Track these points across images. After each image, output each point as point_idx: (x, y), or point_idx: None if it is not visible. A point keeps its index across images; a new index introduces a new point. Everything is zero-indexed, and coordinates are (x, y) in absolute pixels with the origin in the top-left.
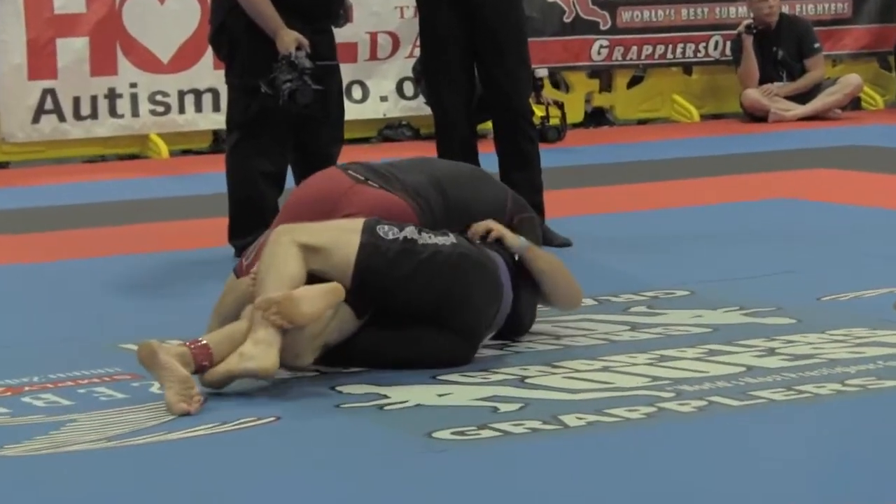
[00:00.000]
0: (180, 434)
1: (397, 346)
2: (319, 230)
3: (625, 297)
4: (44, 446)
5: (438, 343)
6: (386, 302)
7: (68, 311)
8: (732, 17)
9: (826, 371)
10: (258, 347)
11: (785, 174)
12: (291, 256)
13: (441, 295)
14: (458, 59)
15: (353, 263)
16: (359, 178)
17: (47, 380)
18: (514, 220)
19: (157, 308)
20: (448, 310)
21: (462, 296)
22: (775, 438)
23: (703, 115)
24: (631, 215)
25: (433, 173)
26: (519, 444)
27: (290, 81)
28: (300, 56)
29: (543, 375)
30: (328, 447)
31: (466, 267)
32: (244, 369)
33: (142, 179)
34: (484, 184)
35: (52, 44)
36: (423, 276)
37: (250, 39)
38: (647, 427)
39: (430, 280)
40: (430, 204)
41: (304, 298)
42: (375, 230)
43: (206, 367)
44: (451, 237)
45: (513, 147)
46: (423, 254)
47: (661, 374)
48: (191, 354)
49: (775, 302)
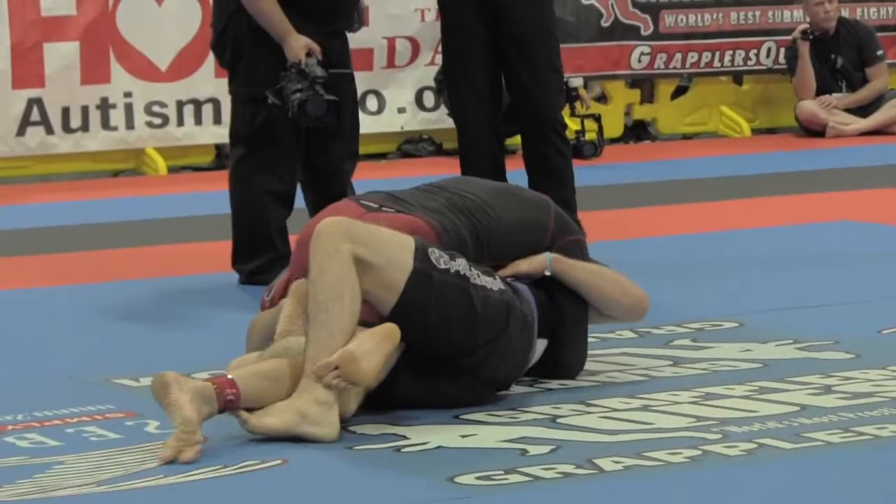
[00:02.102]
0: (178, 478)
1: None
2: (378, 242)
3: (667, 329)
4: (28, 490)
5: (465, 388)
6: (416, 337)
7: (56, 342)
8: (787, 21)
9: (887, 411)
10: (320, 409)
11: (844, 194)
12: (348, 284)
13: (481, 346)
14: (483, 64)
15: (401, 291)
16: (372, 206)
17: (32, 418)
18: (557, 243)
19: (154, 340)
20: (482, 360)
21: (504, 350)
22: (831, 485)
23: (755, 129)
24: (674, 239)
25: (459, 195)
26: (550, 491)
27: (299, 91)
28: (311, 63)
29: (577, 415)
30: (339, 494)
31: (513, 320)
32: (307, 433)
33: (137, 198)
34: (519, 203)
35: (38, 49)
36: (467, 323)
37: (255, 45)
38: (691, 472)
39: (474, 328)
40: (457, 227)
41: (364, 355)
42: (428, 254)
43: (232, 404)
44: (498, 281)
45: (542, 161)
46: (472, 297)
47: (705, 414)
48: (213, 390)
49: (832, 335)
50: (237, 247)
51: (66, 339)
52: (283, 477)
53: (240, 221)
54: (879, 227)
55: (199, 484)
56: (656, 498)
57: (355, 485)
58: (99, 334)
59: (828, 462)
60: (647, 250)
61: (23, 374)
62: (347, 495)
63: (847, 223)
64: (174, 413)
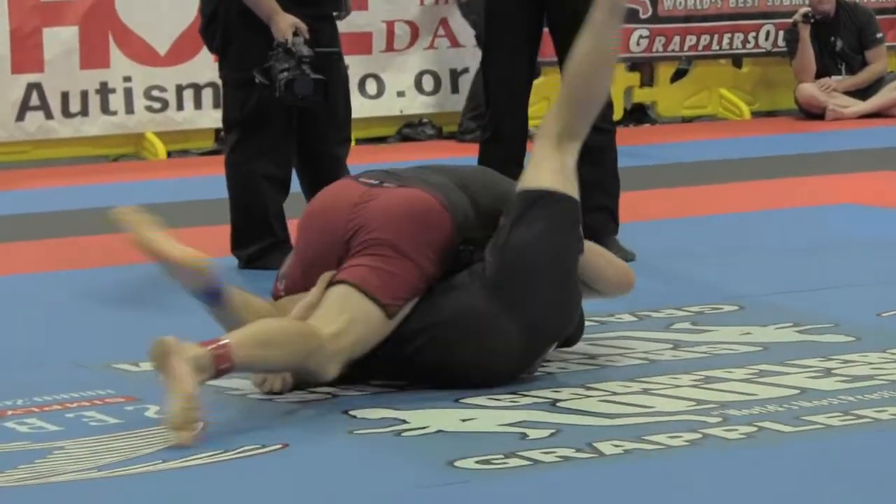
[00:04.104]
0: (177, 463)
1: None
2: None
3: (666, 313)
4: (28, 476)
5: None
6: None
7: (55, 327)
8: (786, 4)
9: (887, 394)
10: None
11: (844, 177)
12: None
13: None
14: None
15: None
16: (372, 182)
17: (32, 403)
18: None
19: (154, 325)
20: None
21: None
22: (831, 467)
23: (755, 111)
24: (673, 222)
25: (456, 174)
26: (550, 474)
27: (286, 70)
28: (297, 43)
29: (577, 399)
30: (340, 478)
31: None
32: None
33: (136, 183)
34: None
35: (37, 34)
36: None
37: (244, 28)
38: (691, 455)
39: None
40: (462, 201)
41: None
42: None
43: (226, 371)
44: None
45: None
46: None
47: (706, 398)
48: (210, 358)
49: (832, 318)
50: (235, 232)
51: (65, 324)
52: (283, 461)
53: (237, 207)
54: (879, 210)
55: (199, 469)
56: (656, 481)
57: (356, 469)
58: (98, 319)
59: (827, 445)
60: (646, 233)
61: (22, 359)
62: (348, 479)
63: (847, 206)
64: (175, 386)
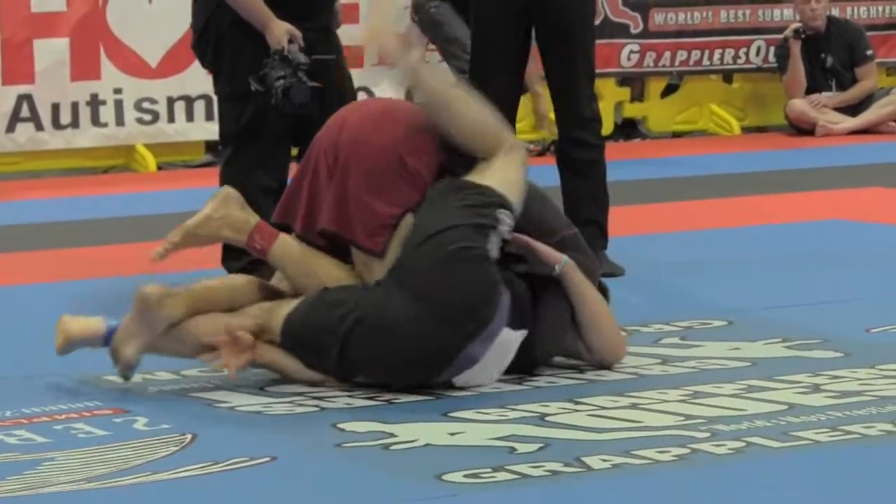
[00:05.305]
0: (167, 475)
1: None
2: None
3: (655, 328)
4: (17, 487)
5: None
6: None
7: (44, 339)
8: (776, 20)
9: (875, 410)
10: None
11: (833, 193)
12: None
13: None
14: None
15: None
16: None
17: (21, 415)
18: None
19: None
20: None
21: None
22: (819, 483)
23: (745, 127)
24: (663, 237)
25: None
26: (538, 488)
27: (283, 78)
28: (293, 50)
29: (565, 413)
30: (327, 491)
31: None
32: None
33: (127, 195)
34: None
35: (28, 45)
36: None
37: (237, 40)
38: (679, 470)
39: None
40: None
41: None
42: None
43: (256, 248)
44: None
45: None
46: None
47: (694, 413)
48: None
49: (821, 333)
50: (226, 245)
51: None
52: (271, 474)
53: None
54: (868, 225)
55: (188, 481)
56: (644, 496)
57: (344, 482)
58: None
59: (816, 461)
60: (635, 248)
61: (11, 371)
62: (335, 493)
63: (836, 222)
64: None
